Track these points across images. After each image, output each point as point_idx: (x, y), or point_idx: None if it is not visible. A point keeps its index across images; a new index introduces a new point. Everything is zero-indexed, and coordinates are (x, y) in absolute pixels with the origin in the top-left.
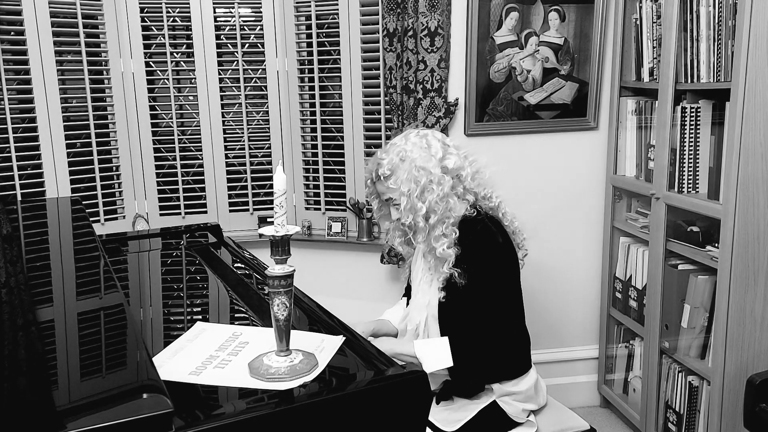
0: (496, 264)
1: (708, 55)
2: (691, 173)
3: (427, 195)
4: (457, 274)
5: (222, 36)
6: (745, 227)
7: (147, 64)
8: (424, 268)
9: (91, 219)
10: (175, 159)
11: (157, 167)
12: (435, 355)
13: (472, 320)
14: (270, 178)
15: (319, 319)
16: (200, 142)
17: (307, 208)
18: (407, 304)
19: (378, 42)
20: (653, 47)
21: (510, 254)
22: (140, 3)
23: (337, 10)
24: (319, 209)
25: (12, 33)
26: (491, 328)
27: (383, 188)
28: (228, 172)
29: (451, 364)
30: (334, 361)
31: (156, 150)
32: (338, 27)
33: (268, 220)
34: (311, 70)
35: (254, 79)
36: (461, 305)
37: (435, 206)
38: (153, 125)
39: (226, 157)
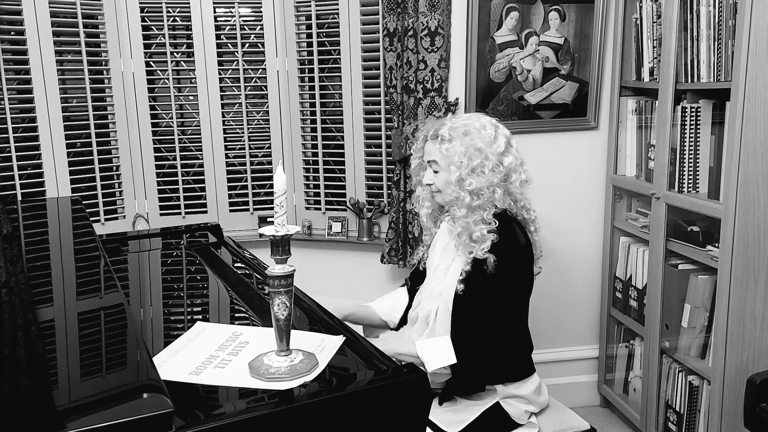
0: (518, 263)
1: (708, 55)
2: (691, 173)
3: (475, 176)
4: (492, 260)
5: (222, 36)
6: (745, 227)
7: (147, 64)
8: (441, 256)
9: (91, 219)
10: (175, 159)
11: (157, 167)
12: (437, 354)
13: (481, 318)
14: (270, 178)
15: (319, 319)
16: (200, 142)
17: (307, 208)
18: (411, 291)
19: (378, 42)
20: (653, 47)
21: (529, 259)
22: (140, 3)
23: (337, 9)
24: (319, 209)
25: (12, 33)
26: (497, 327)
27: (433, 149)
28: (228, 172)
29: (453, 360)
30: (335, 360)
31: (156, 150)
32: (338, 27)
33: (268, 219)
34: (311, 70)
35: (254, 79)
36: (476, 300)
37: (481, 190)
38: (153, 125)
39: (226, 156)
